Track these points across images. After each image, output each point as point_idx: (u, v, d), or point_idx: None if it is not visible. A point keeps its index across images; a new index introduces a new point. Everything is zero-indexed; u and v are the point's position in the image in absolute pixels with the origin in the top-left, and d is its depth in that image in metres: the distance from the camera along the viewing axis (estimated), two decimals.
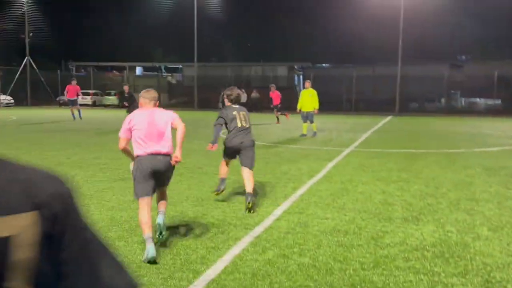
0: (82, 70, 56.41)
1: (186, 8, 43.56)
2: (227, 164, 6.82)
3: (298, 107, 16.17)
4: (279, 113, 23.55)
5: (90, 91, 44.22)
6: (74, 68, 56.29)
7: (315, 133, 15.89)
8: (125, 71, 52.77)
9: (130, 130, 4.67)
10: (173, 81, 51.61)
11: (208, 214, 5.66)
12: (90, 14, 59.37)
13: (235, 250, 4.45)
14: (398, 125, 22.64)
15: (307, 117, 15.87)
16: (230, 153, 6.74)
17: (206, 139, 14.27)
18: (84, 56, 56.40)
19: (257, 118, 27.99)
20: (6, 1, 46.11)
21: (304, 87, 16.17)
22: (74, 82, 23.52)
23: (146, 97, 4.83)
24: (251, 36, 65.37)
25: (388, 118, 29.15)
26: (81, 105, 41.79)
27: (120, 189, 6.98)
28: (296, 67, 47.00)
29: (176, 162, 4.73)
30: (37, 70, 44.10)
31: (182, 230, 5.05)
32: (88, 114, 28.67)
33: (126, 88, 20.12)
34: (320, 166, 9.38)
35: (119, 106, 21.43)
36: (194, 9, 41.81)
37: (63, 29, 55.69)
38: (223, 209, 5.92)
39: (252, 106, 38.82)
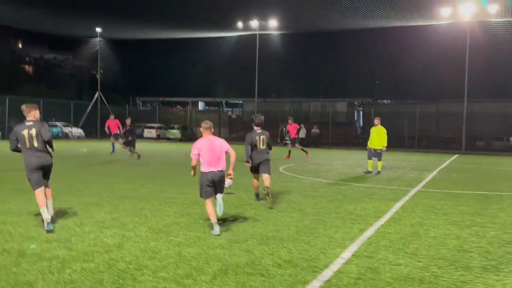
0: (148, 105, 58.84)
1: (247, 46, 44.72)
2: (256, 178, 9.55)
3: (368, 144, 15.76)
4: (300, 147, 23.16)
5: (155, 125, 45.83)
6: (140, 103, 58.89)
7: (379, 172, 15.51)
8: (188, 106, 54.50)
9: (198, 154, 6.87)
10: (233, 116, 52.62)
11: (274, 254, 5.57)
12: (157, 53, 62.28)
13: None
14: (465, 164, 21.65)
15: (375, 154, 15.55)
16: (254, 168, 9.34)
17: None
18: (151, 92, 58.93)
19: (316, 154, 27.78)
20: (81, 40, 49.38)
21: (373, 124, 15.76)
22: (112, 117, 23.68)
23: (205, 127, 7.04)
24: (310, 72, 65.81)
25: (454, 156, 27.97)
26: (146, 138, 43.31)
27: (187, 224, 7.05)
28: (356, 103, 46.57)
29: (231, 178, 7.24)
30: (107, 105, 46.43)
31: (248, 269, 4.98)
32: (153, 147, 29.70)
33: (128, 121, 20.59)
34: (386, 207, 9.07)
35: (122, 137, 21.19)
36: (256, 47, 42.78)
37: (132, 66, 58.67)
38: (289, 249, 5.80)
39: (312, 142, 38.68)
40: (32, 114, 6.98)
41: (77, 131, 43.01)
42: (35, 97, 43.75)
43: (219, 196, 6.96)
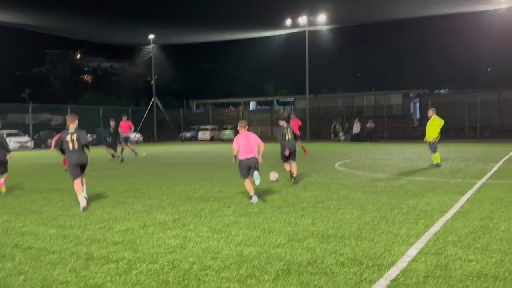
0: (202, 107, 59.84)
1: (297, 43, 44.47)
2: (287, 162, 11.84)
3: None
4: (301, 144, 20.48)
5: (209, 127, 46.51)
6: (194, 106, 59.94)
7: (435, 165, 15.08)
8: (240, 107, 54.87)
9: (238, 146, 9.06)
10: (285, 114, 52.40)
11: (336, 252, 5.45)
12: (209, 56, 63.21)
13: None
14: None
15: (431, 147, 15.18)
16: (285, 157, 11.70)
17: (323, 171, 14.12)
18: (203, 95, 59.88)
19: (372, 148, 27.15)
20: (136, 48, 50.97)
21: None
22: (125, 118, 22.56)
23: (241, 126, 9.31)
24: (362, 65, 64.46)
25: None
26: (200, 140, 43.89)
27: (246, 223, 7.07)
28: (411, 94, 45.07)
29: (260, 162, 9.24)
30: (162, 109, 47.63)
31: (310, 268, 4.90)
32: (208, 148, 30.17)
33: (112, 123, 20.80)
34: (451, 201, 8.68)
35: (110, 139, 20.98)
36: (305, 43, 42.42)
37: (185, 70, 59.89)
38: (352, 247, 5.67)
39: (367, 136, 37.88)
40: (74, 123, 8.97)
41: (135, 136, 44.45)
42: (94, 105, 45.75)
43: (255, 173, 9.05)
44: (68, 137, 8.80)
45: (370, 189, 10.52)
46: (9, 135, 32.33)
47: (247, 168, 9.03)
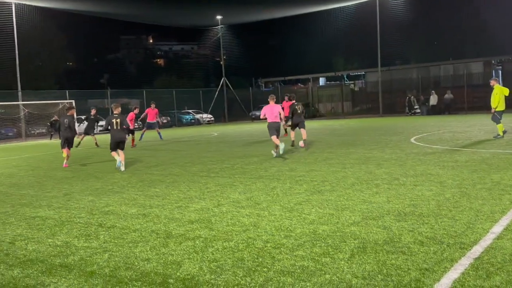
0: (270, 86, 59.89)
1: (367, 14, 42.88)
2: (293, 130, 15.49)
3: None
4: (286, 124, 19.18)
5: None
6: (263, 85, 60.12)
7: (497, 135, 14.82)
8: (309, 83, 54.26)
9: (264, 114, 12.78)
10: (356, 89, 51.11)
11: (414, 231, 5.25)
12: (276, 33, 62.78)
13: (453, 274, 3.99)
14: None
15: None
16: (294, 126, 15.15)
17: (398, 146, 13.65)
18: (272, 73, 59.80)
19: (451, 121, 25.83)
20: (204, 30, 51.74)
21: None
22: (153, 106, 23.12)
23: (271, 98, 13.05)
24: (437, 33, 60.96)
25: None
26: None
27: (318, 202, 7.00)
28: (493, 61, 42.11)
29: (283, 123, 15.67)
30: (232, 89, 48.22)
31: (387, 247, 4.76)
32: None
33: (93, 111, 21.30)
34: None
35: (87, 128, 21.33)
36: (376, 13, 40.84)
37: (253, 49, 59.97)
38: (431, 225, 5.43)
39: (445, 108, 36.05)
40: (117, 110, 12.12)
41: (207, 116, 45.49)
42: (167, 87, 47.26)
43: (281, 145, 12.47)
44: (113, 120, 11.94)
45: (449, 164, 10.02)
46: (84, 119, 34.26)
47: (274, 129, 12.76)
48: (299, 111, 15.05)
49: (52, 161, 15.97)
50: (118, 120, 11.96)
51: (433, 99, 36.86)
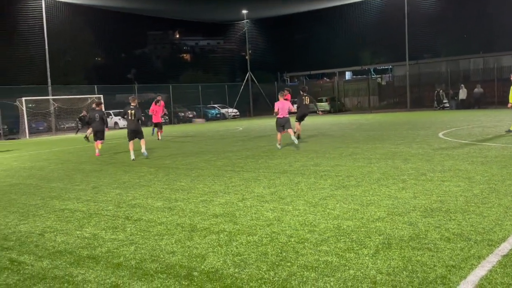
0: (296, 80, 59.63)
1: (394, 6, 42.16)
2: (300, 122, 16.61)
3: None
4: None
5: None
6: (288, 79, 59.90)
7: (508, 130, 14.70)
8: (335, 77, 53.79)
9: (277, 109, 13.71)
10: (383, 83, 50.39)
11: (441, 227, 5.17)
12: (301, 27, 62.38)
13: (480, 271, 3.92)
14: None
15: None
16: (300, 117, 16.49)
17: (426, 141, 13.43)
18: (297, 67, 59.50)
19: (481, 115, 25.23)
20: (230, 24, 51.80)
21: None
22: (159, 99, 22.06)
23: (285, 95, 14.17)
24: (467, 26, 59.46)
25: None
26: (295, 113, 43.79)
27: (343, 197, 6.96)
28: None
29: (292, 109, 14.23)
30: (257, 84, 48.21)
31: (413, 243, 4.70)
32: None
33: (84, 113, 21.98)
34: None
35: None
36: (404, 5, 40.13)
37: (278, 43, 59.77)
38: (459, 221, 5.33)
39: (474, 102, 35.23)
40: (134, 102, 13.48)
41: (232, 111, 45.63)
42: (193, 82, 47.59)
43: (290, 130, 13.79)
44: (129, 111, 13.25)
45: (478, 159, 9.81)
46: (117, 114, 34.87)
47: (282, 125, 13.79)
48: (305, 103, 16.26)
49: (81, 155, 16.31)
50: (133, 112, 13.25)
51: (463, 93, 36.06)
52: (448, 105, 37.55)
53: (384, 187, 7.47)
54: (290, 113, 14.04)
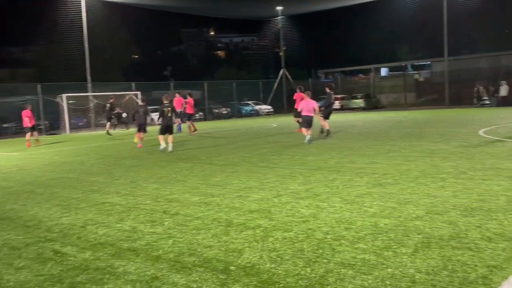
0: (330, 76, 59.10)
1: (433, 1, 41.14)
2: (327, 119, 16.96)
3: None
4: (296, 119, 19.45)
5: (338, 96, 45.77)
6: (323, 75, 59.42)
7: None
8: (370, 74, 53.01)
9: (301, 107, 14.87)
10: (421, 79, 49.29)
11: (482, 226, 5.05)
12: (336, 23, 61.74)
13: None
14: None
15: None
16: (329, 114, 17.07)
17: (465, 139, 13.09)
18: (332, 63, 58.93)
19: None
20: (264, 21, 51.78)
21: None
22: (178, 94, 23.11)
23: (308, 94, 15.24)
24: (510, 20, 57.37)
25: None
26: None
27: (380, 195, 6.88)
28: None
29: (317, 111, 15.22)
30: (291, 80, 48.06)
31: (453, 242, 4.61)
32: (337, 118, 29.78)
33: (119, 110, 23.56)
34: None
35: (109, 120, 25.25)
36: (443, 1, 39.11)
37: (313, 39, 59.34)
38: (500, 221, 5.19)
39: None
40: (167, 100, 14.72)
41: (266, 107, 45.64)
42: (227, 79, 47.88)
43: (310, 131, 14.77)
44: (165, 109, 14.48)
45: None
46: (153, 110, 35.49)
47: (307, 122, 14.81)
48: (332, 101, 17.51)
49: (119, 150, 16.71)
50: (169, 109, 14.55)
51: (504, 90, 34.89)
52: (488, 102, 36.41)
53: (422, 186, 7.34)
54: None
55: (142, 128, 16.80)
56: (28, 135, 20.45)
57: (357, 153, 11.71)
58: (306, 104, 14.78)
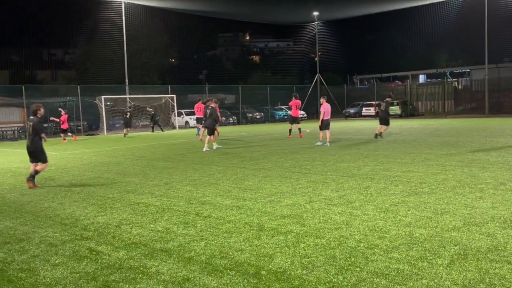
0: (366, 83, 58.42)
1: (473, 6, 40.12)
2: (386, 125, 19.01)
3: None
4: (299, 125, 21.78)
5: (373, 103, 45.20)
6: (358, 81, 58.78)
7: None
8: (407, 80, 52.10)
9: (324, 112, 16.29)
10: (459, 87, 48.08)
11: None
12: (373, 28, 61.05)
13: None
14: None
15: None
16: (385, 120, 18.89)
17: (505, 149, 12.67)
18: (368, 69, 58.24)
19: None
20: (300, 26, 51.67)
21: None
22: (200, 101, 23.47)
23: (324, 99, 16.76)
24: None
25: None
26: (364, 116, 43.20)
27: (415, 204, 6.73)
28: None
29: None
30: (326, 86, 47.76)
31: (490, 255, 4.46)
32: (371, 125, 29.35)
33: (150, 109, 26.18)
34: None
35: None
36: (484, 6, 38.10)
37: (349, 45, 58.83)
38: None
39: None
40: (208, 104, 16.69)
41: (300, 113, 45.43)
42: (262, 84, 48.00)
43: (328, 133, 16.35)
44: (206, 111, 16.39)
45: None
46: (188, 113, 35.95)
47: (326, 124, 16.37)
48: (382, 109, 19.28)
49: (154, 152, 16.98)
50: (208, 112, 16.32)
51: None
52: None
53: (459, 196, 7.14)
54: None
55: (210, 130, 16.61)
56: (62, 135, 25.47)
57: (393, 161, 11.51)
58: (327, 108, 16.40)
